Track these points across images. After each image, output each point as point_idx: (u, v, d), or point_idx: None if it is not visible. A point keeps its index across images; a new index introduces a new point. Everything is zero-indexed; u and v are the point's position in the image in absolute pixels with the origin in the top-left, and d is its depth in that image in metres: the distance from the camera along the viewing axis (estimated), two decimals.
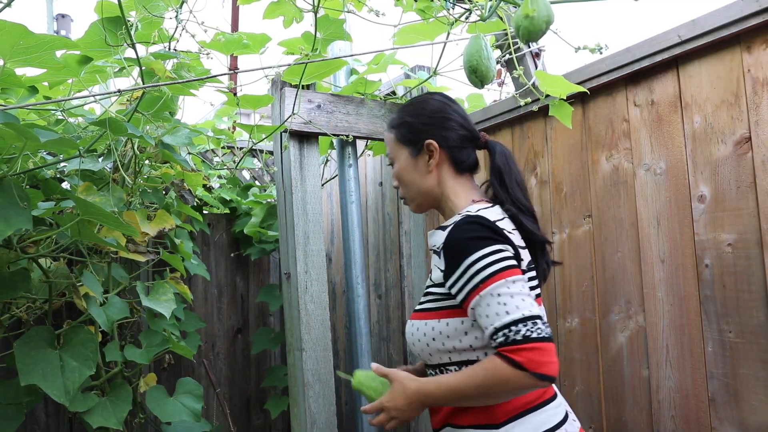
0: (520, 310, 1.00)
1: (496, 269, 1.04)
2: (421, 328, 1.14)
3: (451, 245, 1.09)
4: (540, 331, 0.98)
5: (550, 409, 1.13)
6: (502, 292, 1.02)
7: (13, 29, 1.10)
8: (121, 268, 1.96)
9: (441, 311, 1.12)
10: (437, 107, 1.27)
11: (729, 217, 1.38)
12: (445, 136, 1.24)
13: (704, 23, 1.39)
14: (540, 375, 0.96)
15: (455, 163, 1.25)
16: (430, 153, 1.24)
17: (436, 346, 1.12)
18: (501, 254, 1.06)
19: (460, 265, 1.07)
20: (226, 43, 1.84)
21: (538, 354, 0.96)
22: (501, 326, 0.99)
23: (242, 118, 2.86)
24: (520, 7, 1.10)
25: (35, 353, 1.48)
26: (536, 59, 1.94)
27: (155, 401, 1.87)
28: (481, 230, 1.08)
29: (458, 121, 1.26)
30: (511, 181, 1.23)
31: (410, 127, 1.27)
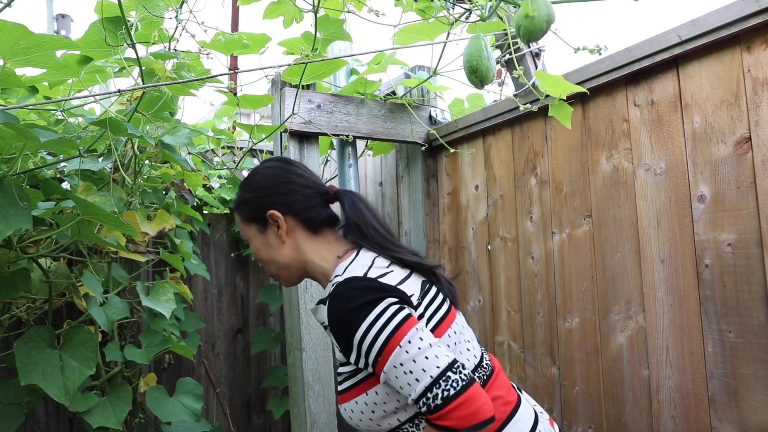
0: (428, 371, 0.94)
1: (387, 336, 0.96)
2: (355, 408, 1.07)
3: (336, 324, 1.02)
4: (456, 383, 0.93)
5: (520, 417, 1.10)
6: (402, 360, 0.95)
7: (13, 29, 1.10)
8: (121, 268, 1.96)
9: (363, 384, 1.05)
10: (270, 175, 1.20)
11: (729, 217, 1.38)
12: (286, 202, 1.17)
13: (704, 23, 1.39)
14: (477, 426, 0.92)
15: (307, 224, 1.18)
16: (276, 223, 1.17)
17: (379, 414, 1.05)
18: (386, 315, 0.98)
19: (352, 344, 1.00)
20: (226, 43, 1.84)
21: (465, 408, 0.92)
22: (417, 397, 0.94)
23: (242, 118, 2.86)
24: (520, 7, 1.10)
25: (35, 353, 1.48)
26: (536, 59, 1.94)
27: (155, 401, 1.87)
28: (355, 296, 1.01)
29: (298, 182, 1.19)
30: (368, 230, 1.15)
31: (249, 203, 1.21)
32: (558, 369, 1.81)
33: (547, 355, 1.85)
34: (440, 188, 2.36)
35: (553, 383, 1.83)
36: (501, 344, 2.03)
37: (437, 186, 2.38)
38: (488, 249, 2.10)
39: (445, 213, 2.32)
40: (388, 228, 1.19)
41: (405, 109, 2.23)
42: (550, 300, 1.84)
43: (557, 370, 1.81)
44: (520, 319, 1.95)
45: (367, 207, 1.19)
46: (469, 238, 2.19)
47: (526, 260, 1.93)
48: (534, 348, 1.90)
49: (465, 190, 2.22)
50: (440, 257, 2.33)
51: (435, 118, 2.33)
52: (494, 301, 2.07)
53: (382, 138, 2.20)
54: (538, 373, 1.88)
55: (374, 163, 2.74)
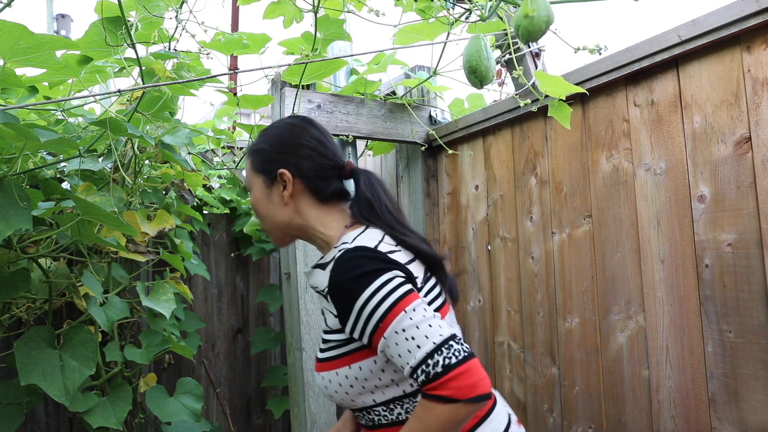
0: (431, 338, 0.92)
1: (392, 303, 0.95)
2: (333, 379, 1.04)
3: (338, 288, 0.99)
4: (458, 352, 0.90)
5: (495, 418, 1.08)
6: (405, 326, 0.93)
7: (13, 29, 1.10)
8: (121, 268, 1.96)
9: (348, 356, 1.02)
10: (292, 133, 1.15)
11: (729, 217, 1.38)
12: (299, 166, 1.12)
13: (704, 23, 1.39)
14: (475, 398, 0.88)
15: (315, 193, 1.14)
16: (284, 183, 1.13)
17: (357, 390, 1.03)
18: (392, 284, 0.97)
19: (353, 309, 0.97)
20: (226, 43, 1.84)
21: (465, 378, 0.89)
22: (417, 364, 0.91)
23: (242, 118, 2.86)
24: (520, 7, 1.10)
25: (35, 353, 1.48)
26: (536, 59, 1.94)
27: (155, 401, 1.87)
28: (364, 263, 0.99)
29: (316, 149, 1.14)
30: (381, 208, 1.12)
31: (264, 154, 1.16)
32: (558, 369, 1.81)
33: (547, 355, 1.85)
34: (440, 188, 2.36)
35: (553, 383, 1.83)
36: (501, 344, 2.03)
37: (437, 186, 2.38)
38: (488, 249, 2.10)
39: (445, 213, 2.32)
40: (401, 212, 1.16)
41: (405, 109, 2.23)
42: (550, 300, 1.84)
43: (557, 370, 1.81)
44: (520, 319, 1.95)
45: (382, 188, 1.15)
46: (469, 238, 2.19)
47: (526, 260, 1.93)
48: (534, 348, 1.90)
49: (465, 190, 2.22)
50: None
51: (435, 118, 2.33)
52: (494, 301, 2.07)
53: (382, 138, 2.20)
54: (538, 373, 1.88)
55: (374, 163, 2.74)
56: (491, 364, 2.07)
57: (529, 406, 1.91)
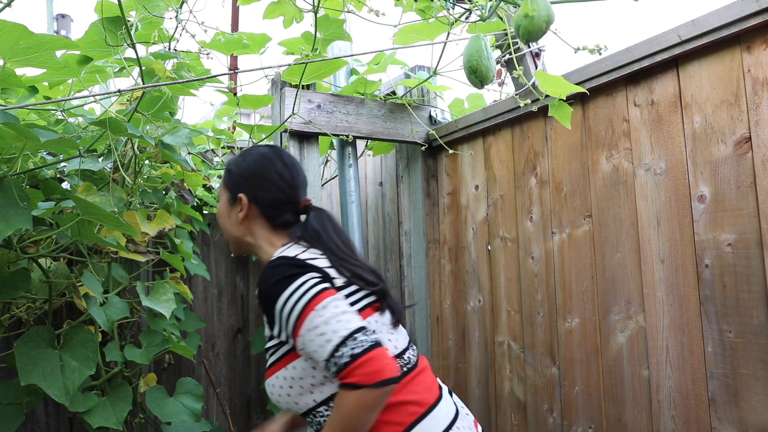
0: (338, 333, 1.00)
1: (304, 303, 1.04)
2: (275, 383, 1.12)
3: (263, 297, 1.10)
4: (363, 342, 0.99)
5: (439, 411, 1.13)
6: (316, 323, 1.02)
7: (13, 29, 1.10)
8: (121, 268, 1.96)
9: (284, 358, 1.11)
10: (258, 164, 1.26)
11: (729, 217, 1.38)
12: (256, 195, 1.24)
13: (704, 23, 1.39)
14: (381, 383, 0.97)
15: (269, 219, 1.26)
16: (241, 206, 1.25)
17: (297, 391, 1.10)
18: (305, 285, 1.06)
19: (274, 313, 1.08)
20: (226, 43, 1.84)
21: (369, 365, 0.97)
22: (327, 357, 1.00)
23: (242, 118, 2.86)
24: (520, 7, 1.10)
25: (35, 353, 1.48)
26: (536, 59, 1.94)
27: (155, 401, 1.87)
28: (281, 271, 1.09)
29: (276, 184, 1.25)
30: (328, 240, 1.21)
31: (231, 175, 1.28)
32: (558, 369, 1.81)
33: (547, 355, 1.85)
34: (440, 188, 2.36)
35: (553, 383, 1.83)
36: (501, 344, 2.03)
37: (437, 186, 2.38)
38: (488, 249, 2.10)
39: (445, 213, 2.32)
40: (351, 247, 1.24)
41: (405, 109, 2.23)
42: (550, 300, 1.84)
43: (557, 370, 1.81)
44: (520, 319, 1.95)
45: (333, 224, 1.25)
46: (469, 238, 2.19)
47: (526, 260, 1.93)
48: (534, 348, 1.90)
49: (465, 190, 2.22)
50: (440, 257, 2.33)
51: (435, 118, 2.33)
52: (494, 301, 2.07)
53: (382, 138, 2.20)
54: (538, 373, 1.88)
55: (374, 163, 2.74)
56: (491, 364, 2.08)
57: (529, 406, 1.91)
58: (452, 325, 2.26)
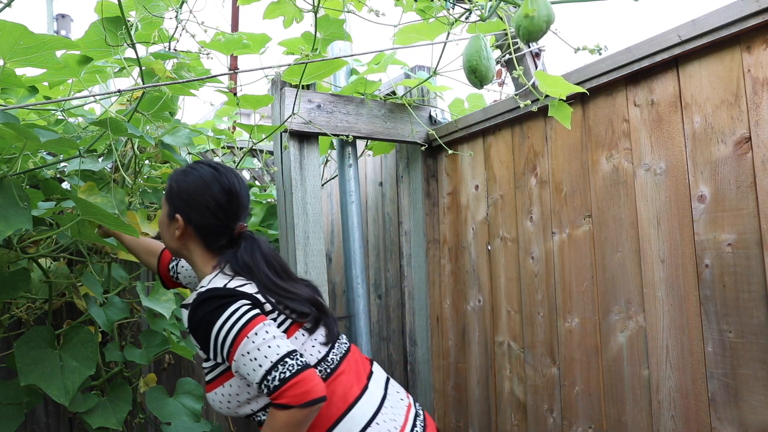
0: (268, 358, 1.08)
1: (237, 330, 1.11)
2: (215, 397, 1.21)
3: (196, 325, 1.16)
4: (291, 367, 1.07)
5: (359, 406, 1.20)
6: (249, 349, 1.09)
7: (13, 29, 1.10)
8: (121, 268, 1.96)
9: (221, 377, 1.19)
10: (195, 187, 1.28)
11: (729, 217, 1.38)
12: (190, 217, 1.27)
13: (704, 23, 1.39)
14: (308, 403, 1.05)
15: (204, 241, 1.29)
16: (177, 225, 1.29)
17: (235, 404, 1.19)
18: (237, 313, 1.13)
19: (209, 341, 1.14)
20: (226, 43, 1.84)
21: (297, 387, 1.06)
22: (260, 380, 1.08)
23: (242, 118, 2.86)
24: (520, 7, 1.10)
25: (35, 353, 1.48)
26: (536, 59, 1.94)
27: (155, 401, 1.87)
28: (212, 303, 1.15)
29: (211, 209, 1.27)
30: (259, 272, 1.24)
31: (171, 192, 1.31)
32: (558, 369, 1.81)
33: (547, 355, 1.85)
34: (440, 188, 2.36)
35: (553, 383, 1.83)
36: (501, 344, 2.03)
37: (437, 186, 2.38)
38: (488, 249, 2.10)
39: (445, 213, 2.32)
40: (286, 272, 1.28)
41: (405, 109, 2.23)
42: (550, 300, 1.84)
43: (557, 370, 1.81)
44: (520, 319, 1.95)
45: (263, 253, 1.27)
46: (469, 238, 2.19)
47: (526, 260, 1.93)
48: (534, 348, 1.90)
49: (465, 190, 2.22)
50: (440, 257, 2.33)
51: (435, 118, 2.33)
52: (494, 301, 2.07)
53: (382, 138, 2.20)
54: (538, 373, 1.88)
55: (374, 163, 2.74)
56: (491, 364, 2.08)
57: (529, 406, 1.91)
58: (452, 325, 2.26)
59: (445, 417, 2.29)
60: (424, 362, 2.34)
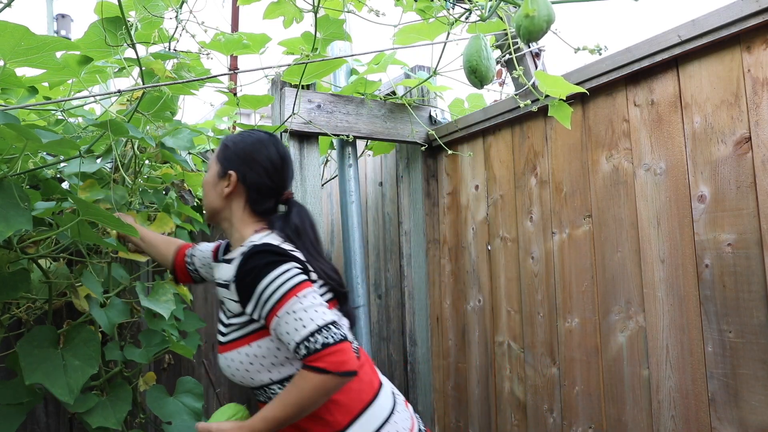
0: (315, 321, 1.10)
1: (287, 288, 1.13)
2: (235, 357, 1.20)
3: (243, 276, 1.17)
4: (335, 335, 1.09)
5: (381, 398, 1.25)
6: (295, 308, 1.11)
7: (14, 30, 1.10)
8: (122, 268, 1.96)
9: (249, 337, 1.19)
10: (254, 147, 1.32)
11: (729, 217, 1.38)
12: (245, 175, 1.30)
13: (704, 23, 1.39)
14: (343, 373, 1.08)
15: (251, 203, 1.32)
16: (229, 182, 1.31)
17: (256, 368, 1.19)
18: (289, 273, 1.15)
19: (254, 292, 1.15)
20: (226, 44, 1.84)
21: (338, 355, 1.07)
22: (301, 340, 1.09)
23: (242, 118, 2.86)
24: (520, 6, 1.10)
25: (38, 352, 1.48)
26: (536, 59, 1.94)
27: (155, 401, 1.86)
28: (267, 257, 1.17)
29: (267, 170, 1.31)
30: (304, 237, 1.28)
31: (227, 151, 1.34)
32: (558, 369, 1.81)
33: (547, 355, 1.85)
34: (440, 188, 2.36)
35: (553, 383, 1.83)
36: (501, 344, 2.03)
37: (437, 186, 2.38)
38: (488, 249, 2.10)
39: (445, 213, 2.33)
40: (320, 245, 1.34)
41: (405, 109, 2.23)
42: (550, 300, 1.84)
43: (557, 370, 1.81)
44: (520, 319, 1.95)
45: (310, 221, 1.33)
46: (469, 238, 2.19)
47: (526, 260, 1.93)
48: (534, 348, 1.90)
49: (465, 190, 2.22)
50: (440, 257, 2.33)
51: (435, 118, 2.33)
52: (494, 301, 2.07)
53: (382, 138, 2.20)
54: (538, 373, 1.88)
55: (374, 163, 2.74)
56: (491, 364, 2.08)
57: (529, 406, 1.91)
58: (452, 325, 2.26)
59: (445, 417, 2.29)
60: (424, 362, 2.34)
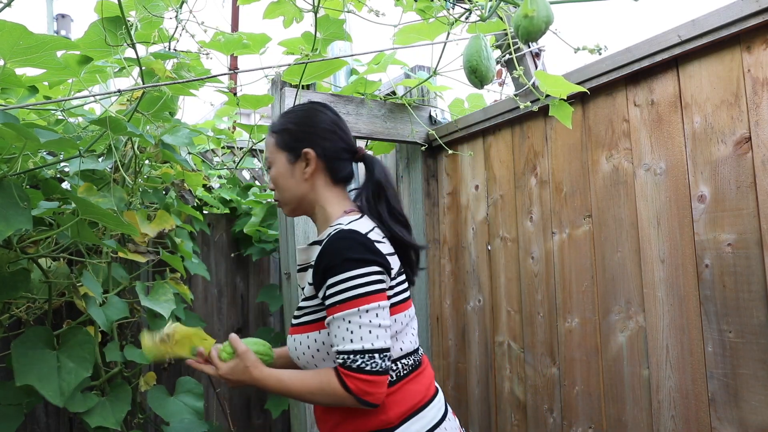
0: (363, 342, 1.08)
1: (354, 295, 1.09)
2: (303, 341, 1.19)
3: (326, 259, 1.13)
4: (375, 365, 1.08)
5: (436, 404, 1.23)
6: (352, 319, 1.09)
7: (13, 29, 1.10)
8: (121, 268, 1.96)
9: (320, 322, 1.17)
10: (315, 117, 1.29)
11: (729, 217, 1.38)
12: (323, 147, 1.26)
13: (704, 23, 1.39)
14: (364, 401, 1.08)
15: (331, 173, 1.28)
16: (307, 161, 1.26)
17: (321, 356, 1.17)
18: (364, 278, 1.10)
19: (326, 280, 1.12)
20: (226, 43, 1.84)
21: (367, 385, 1.07)
22: (342, 351, 1.08)
23: (242, 118, 2.86)
24: (519, 7, 1.10)
25: (32, 353, 1.48)
26: (536, 59, 1.94)
27: (157, 401, 1.87)
28: (353, 247, 1.12)
29: (338, 134, 1.28)
30: (389, 194, 1.26)
31: (291, 134, 1.28)
32: (558, 369, 1.81)
33: (547, 355, 1.85)
34: (440, 188, 2.36)
35: (553, 383, 1.83)
36: (501, 344, 2.03)
37: (437, 186, 2.37)
38: (488, 249, 2.10)
39: (445, 213, 2.32)
40: (399, 202, 1.29)
41: (405, 109, 2.23)
42: (550, 300, 1.84)
43: (557, 370, 1.81)
44: (520, 319, 1.95)
45: (392, 178, 1.29)
46: (469, 238, 2.19)
47: (526, 260, 1.93)
48: (534, 348, 1.90)
49: (465, 190, 2.22)
50: (440, 257, 2.33)
51: (435, 118, 2.33)
52: (494, 301, 2.07)
53: (382, 138, 2.20)
54: (538, 373, 1.88)
55: None
56: (491, 364, 2.08)
57: (529, 406, 1.91)
58: (452, 325, 2.26)
59: None
60: None
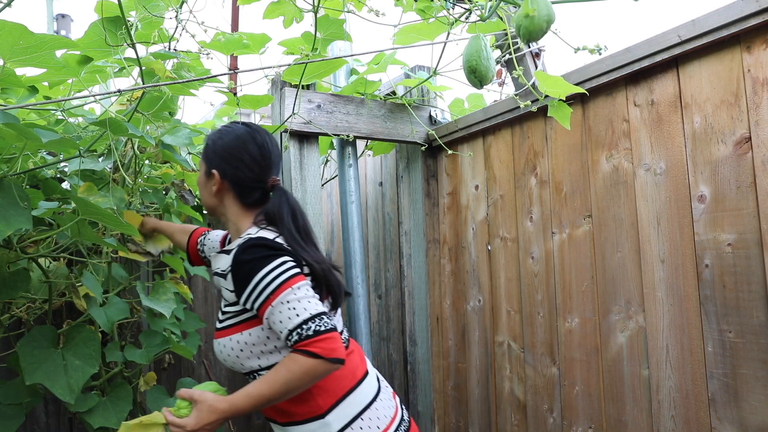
0: (308, 310, 1.15)
1: (282, 280, 1.18)
2: (227, 344, 1.26)
3: (241, 267, 1.22)
4: (326, 324, 1.15)
5: (365, 385, 1.31)
6: (290, 299, 1.16)
7: (13, 29, 1.10)
8: (121, 268, 1.96)
9: (242, 324, 1.24)
10: (232, 144, 1.35)
11: (729, 217, 1.38)
12: (227, 172, 1.34)
13: (704, 23, 1.39)
14: (333, 359, 1.13)
15: (240, 197, 1.36)
16: (215, 181, 1.35)
17: (246, 355, 1.24)
18: (284, 266, 1.20)
19: (250, 284, 1.20)
20: (226, 43, 1.84)
21: (329, 342, 1.13)
22: (293, 327, 1.14)
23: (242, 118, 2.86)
24: (520, 6, 1.10)
25: (38, 352, 1.48)
26: (536, 59, 1.94)
27: (156, 401, 1.87)
28: (263, 250, 1.22)
29: (247, 164, 1.34)
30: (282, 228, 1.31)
31: (207, 150, 1.39)
32: (558, 369, 1.81)
33: (547, 355, 1.85)
34: (440, 188, 2.36)
35: (553, 383, 1.83)
36: (501, 344, 2.03)
37: (437, 186, 2.38)
38: (488, 249, 2.10)
39: (445, 213, 2.33)
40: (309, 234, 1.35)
41: (405, 109, 2.23)
42: (550, 300, 1.84)
43: (557, 370, 1.81)
44: (520, 319, 1.95)
45: (290, 208, 1.34)
46: (469, 238, 2.19)
47: (526, 260, 1.93)
48: (534, 348, 1.90)
49: (465, 190, 2.22)
50: (440, 257, 2.33)
51: (435, 118, 2.33)
52: (494, 301, 2.07)
53: (382, 138, 2.20)
54: (538, 373, 1.88)
55: (374, 163, 2.74)
56: (491, 364, 2.08)
57: (529, 406, 1.91)
58: (452, 325, 2.26)
59: (445, 417, 2.29)
60: (424, 362, 2.34)
